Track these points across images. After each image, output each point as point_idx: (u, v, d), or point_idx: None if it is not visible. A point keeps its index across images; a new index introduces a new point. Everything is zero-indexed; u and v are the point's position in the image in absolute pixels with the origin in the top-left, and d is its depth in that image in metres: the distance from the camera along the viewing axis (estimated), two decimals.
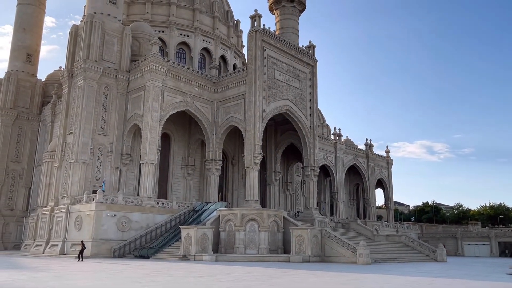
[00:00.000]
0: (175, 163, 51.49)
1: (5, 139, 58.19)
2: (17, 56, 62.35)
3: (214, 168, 48.49)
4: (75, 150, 42.63)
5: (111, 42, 46.50)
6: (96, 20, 45.51)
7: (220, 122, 48.99)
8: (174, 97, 45.99)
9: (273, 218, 37.50)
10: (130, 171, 46.76)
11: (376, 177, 79.09)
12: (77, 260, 31.76)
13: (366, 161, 77.19)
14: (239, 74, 48.17)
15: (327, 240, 35.67)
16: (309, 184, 51.69)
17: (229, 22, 65.52)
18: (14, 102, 59.43)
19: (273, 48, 47.83)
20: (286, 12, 70.97)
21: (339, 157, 70.10)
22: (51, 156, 50.05)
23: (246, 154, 44.94)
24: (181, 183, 51.72)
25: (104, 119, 44.95)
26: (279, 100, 47.92)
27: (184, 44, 59.45)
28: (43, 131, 60.09)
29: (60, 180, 44.34)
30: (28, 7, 63.61)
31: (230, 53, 64.53)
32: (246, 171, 45.41)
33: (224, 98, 49.13)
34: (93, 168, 43.62)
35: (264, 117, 45.89)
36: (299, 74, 51.17)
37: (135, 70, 46.25)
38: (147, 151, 42.64)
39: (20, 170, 58.72)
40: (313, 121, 51.94)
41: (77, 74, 44.88)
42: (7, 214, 56.81)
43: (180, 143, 52.38)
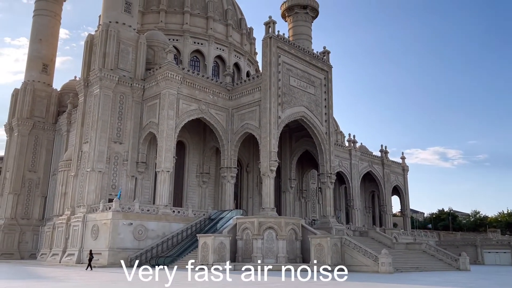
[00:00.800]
0: (190, 171, 51.22)
1: (21, 149, 58.64)
2: (33, 67, 63.04)
3: (229, 176, 48.07)
4: (91, 159, 42.60)
5: (126, 50, 46.65)
6: (112, 29, 45.72)
7: (235, 130, 48.65)
8: (189, 105, 45.83)
9: (291, 226, 36.83)
10: (146, 179, 46.58)
11: (392, 184, 77.83)
12: (86, 270, 31.46)
13: (382, 168, 76.02)
14: (254, 81, 47.89)
15: (347, 248, 34.86)
16: (325, 192, 50.91)
17: (242, 30, 65.51)
18: (31, 112, 59.97)
19: (287, 54, 47.50)
20: (299, 18, 70.80)
21: (354, 164, 69.13)
22: (67, 165, 50.15)
23: (261, 161, 44.46)
24: (196, 191, 51.38)
25: (119, 128, 44.94)
26: (294, 106, 47.46)
27: (198, 52, 59.51)
28: (59, 140, 60.44)
29: (76, 189, 44.31)
30: (44, 18, 64.43)
31: (244, 60, 64.40)
32: (262, 178, 44.87)
33: (239, 105, 48.85)
34: (109, 176, 43.52)
35: (279, 123, 45.44)
36: (314, 80, 50.70)
37: (150, 78, 46.26)
38: (162, 159, 42.43)
39: (36, 179, 59.03)
40: (328, 128, 51.30)
41: (93, 83, 45.03)
42: (24, 223, 57.02)
43: (195, 151, 52.14)
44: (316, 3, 71.87)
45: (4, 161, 62.25)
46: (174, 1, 60.34)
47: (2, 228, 55.61)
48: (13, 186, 57.03)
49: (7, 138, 62.08)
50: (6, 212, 56.44)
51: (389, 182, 76.85)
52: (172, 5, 60.00)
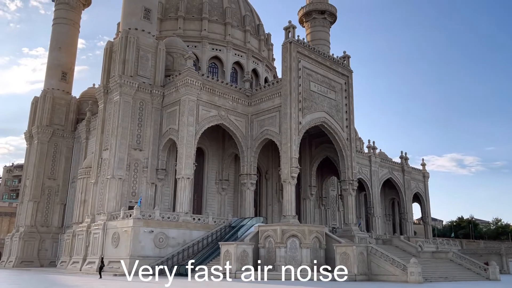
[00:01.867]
0: (209, 178, 50.68)
1: (41, 156, 58.95)
2: (53, 75, 63.60)
3: (249, 183, 47.36)
4: (111, 166, 42.37)
5: (146, 57, 46.56)
6: (131, 36, 45.72)
7: (255, 136, 48.02)
8: (208, 111, 45.42)
9: (315, 234, 35.86)
10: (166, 186, 46.16)
11: (412, 191, 76.10)
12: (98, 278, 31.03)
13: (402, 174, 74.40)
14: (274, 87, 47.29)
15: (373, 257, 33.73)
16: (347, 199, 49.78)
17: (260, 36, 65.17)
18: (50, 119, 60.35)
19: (307, 59, 46.80)
20: (317, 24, 70.26)
21: (374, 171, 67.77)
22: (86, 173, 50.09)
23: (282, 168, 43.67)
24: (216, 198, 50.77)
25: (139, 134, 44.72)
26: (314, 112, 46.64)
27: (216, 58, 59.28)
28: (78, 148, 60.63)
29: (96, 196, 44.09)
30: (63, 26, 65.11)
31: (262, 66, 63.96)
32: (283, 185, 44.03)
33: (258, 111, 48.25)
34: (129, 183, 43.21)
35: (300, 129, 44.64)
36: (335, 85, 49.86)
37: (169, 85, 46.04)
38: (183, 165, 41.98)
39: (55, 187, 59.21)
40: (350, 133, 50.30)
41: (113, 90, 44.98)
42: (43, 231, 57.12)
43: (214, 158, 51.63)
44: (334, 8, 71.32)
45: (24, 169, 62.74)
46: (192, 8, 60.35)
47: (22, 235, 55.79)
48: (33, 194, 57.27)
49: (27, 146, 62.56)
50: (26, 220, 56.65)
51: (409, 189, 75.18)
52: (190, 12, 60.00)
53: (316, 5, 70.26)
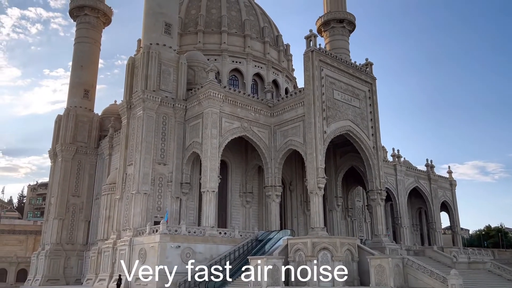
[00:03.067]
0: (233, 191, 49.98)
1: (65, 174, 59.28)
2: (75, 93, 64.32)
3: (274, 195, 46.43)
4: (136, 181, 42.09)
5: (168, 71, 46.57)
6: (153, 51, 45.84)
7: (278, 147, 47.24)
8: (231, 123, 44.94)
9: (347, 247, 34.59)
10: (190, 200, 45.62)
11: (440, 200, 73.79)
12: None
13: (429, 183, 72.27)
14: (296, 96, 46.61)
15: (410, 269, 32.28)
16: (376, 209, 48.33)
17: (279, 47, 64.88)
18: (73, 137, 60.83)
19: (330, 68, 46.07)
20: (336, 33, 69.68)
21: (400, 180, 66.00)
22: (111, 189, 50.02)
23: (308, 178, 42.67)
24: (240, 211, 49.95)
25: (163, 149, 44.45)
26: (339, 120, 45.69)
27: (236, 70, 59.12)
28: (101, 164, 60.81)
29: (121, 212, 43.78)
30: (84, 45, 66.06)
31: (282, 77, 63.51)
32: (310, 196, 42.96)
33: (281, 121, 47.55)
34: (154, 198, 42.81)
35: (325, 138, 43.69)
36: (358, 93, 48.90)
37: (192, 98, 45.83)
38: (207, 179, 41.39)
39: (79, 204, 59.33)
40: (376, 142, 49.08)
41: (136, 105, 44.98)
42: (68, 249, 57.09)
43: (237, 170, 50.97)
44: (353, 16, 70.71)
45: (49, 187, 63.20)
46: (211, 22, 60.56)
47: (48, 253, 55.83)
48: (58, 211, 57.46)
49: (51, 164, 63.09)
50: (52, 238, 56.75)
51: (437, 198, 72.93)
52: (210, 25, 60.20)
53: (335, 14, 69.77)
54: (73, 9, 67.22)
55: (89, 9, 66.69)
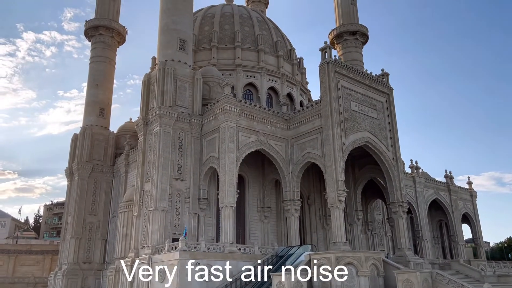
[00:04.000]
0: (251, 206, 49.24)
1: (81, 192, 59.29)
2: (91, 111, 64.79)
3: (293, 209, 45.56)
4: (153, 198, 41.68)
5: (183, 87, 46.57)
6: (168, 67, 45.97)
7: (296, 160, 46.57)
8: (248, 137, 44.50)
9: (372, 261, 33.50)
10: (208, 216, 44.99)
11: (460, 212, 71.89)
12: None
13: (448, 194, 70.56)
14: (313, 108, 46.10)
15: (439, 283, 31.01)
16: (398, 222, 47.04)
17: (292, 60, 64.78)
18: (90, 155, 61.03)
19: (346, 79, 45.60)
20: (348, 45, 69.41)
21: (420, 192, 64.56)
22: (127, 206, 49.63)
23: (328, 191, 41.78)
24: (258, 227, 49.08)
25: (180, 164, 44.10)
26: (357, 132, 44.96)
27: (250, 85, 59.04)
28: (117, 182, 60.71)
29: (139, 230, 43.28)
30: (100, 64, 66.82)
31: (296, 90, 63.21)
32: (330, 210, 42.04)
33: (298, 134, 46.99)
34: (172, 215, 42.29)
35: (344, 150, 42.91)
36: (376, 103, 48.21)
37: (208, 113, 45.64)
38: (225, 194, 40.80)
39: (96, 223, 59.11)
40: (395, 153, 48.12)
41: (152, 121, 44.90)
42: (86, 268, 56.65)
43: (254, 185, 50.32)
44: (365, 28, 70.46)
45: (66, 206, 63.21)
46: (225, 38, 60.85)
47: (65, 273, 55.44)
48: (75, 230, 57.27)
49: (68, 182, 63.25)
50: (69, 257, 56.44)
51: (457, 209, 71.07)
52: (223, 41, 60.48)
53: (347, 27, 69.61)
54: (88, 29, 68.28)
55: (103, 29, 67.68)
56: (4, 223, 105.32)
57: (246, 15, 64.66)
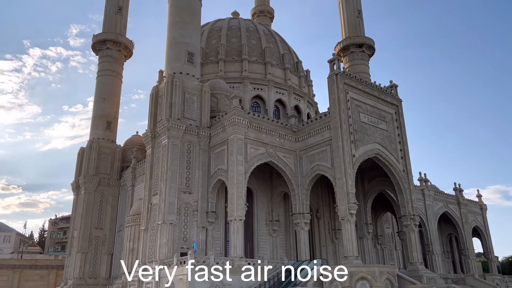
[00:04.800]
0: (259, 219, 48.52)
1: (88, 206, 58.81)
2: (98, 125, 64.71)
3: (302, 223, 44.79)
4: (161, 211, 41.15)
5: (191, 100, 46.43)
6: (177, 80, 45.92)
7: (305, 172, 46.00)
8: (256, 149, 44.08)
9: (386, 276, 32.71)
10: (216, 229, 44.33)
11: (471, 225, 70.76)
12: None
13: (458, 207, 69.54)
14: (321, 120, 45.72)
15: None
16: (409, 235, 46.17)
17: (299, 73, 64.75)
18: (96, 169, 60.73)
19: (355, 90, 45.34)
20: (355, 57, 69.38)
21: (429, 205, 63.65)
22: (134, 220, 49.08)
23: (339, 204, 41.11)
24: (267, 241, 48.27)
25: (188, 177, 43.66)
26: (367, 143, 44.47)
27: (258, 97, 58.93)
28: (123, 195, 60.26)
29: (147, 244, 42.62)
30: (107, 77, 67.01)
31: (303, 102, 63.00)
32: (341, 223, 41.29)
33: (307, 146, 46.52)
34: (180, 228, 41.67)
35: (354, 162, 42.39)
36: (385, 115, 47.82)
37: (216, 125, 45.37)
38: (234, 207, 40.20)
39: (102, 237, 58.50)
40: (405, 165, 47.50)
41: (160, 134, 44.65)
42: (91, 283, 55.85)
43: (262, 198, 49.70)
44: (372, 40, 70.47)
45: (72, 220, 62.71)
46: (232, 51, 60.98)
47: None
48: (81, 245, 56.65)
49: (74, 196, 62.88)
50: (75, 272, 55.72)
51: (467, 223, 69.93)
52: (230, 54, 60.60)
53: (354, 39, 69.68)
54: (96, 44, 68.68)
55: (111, 43, 68.06)
56: (9, 237, 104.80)
57: (253, 28, 64.92)
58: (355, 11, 71.79)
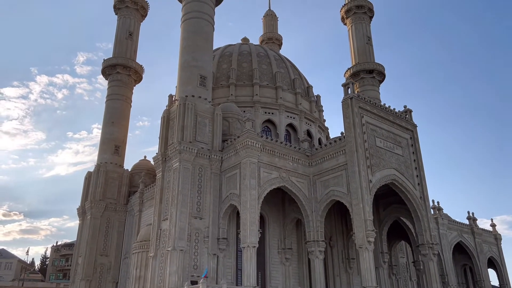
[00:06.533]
0: (272, 247, 46.80)
1: (93, 232, 57.26)
2: (106, 149, 63.90)
3: (317, 251, 43.09)
4: (172, 237, 39.66)
5: (203, 123, 45.73)
6: (189, 102, 45.38)
7: (319, 198, 44.65)
8: (269, 173, 42.94)
9: None
10: (227, 257, 42.64)
11: (486, 256, 68.57)
12: None
13: (472, 237, 67.58)
14: (336, 144, 44.74)
15: None
16: (428, 265, 44.31)
17: (310, 98, 64.37)
18: (103, 193, 59.49)
19: (370, 114, 44.61)
20: (365, 83, 69.13)
21: (443, 234, 61.77)
22: (142, 246, 47.47)
23: (356, 232, 39.58)
24: (279, 270, 46.39)
25: (199, 202, 42.37)
26: (383, 169, 43.31)
27: (268, 121, 58.28)
28: (130, 221, 58.79)
29: (155, 271, 40.91)
30: (116, 102, 66.73)
31: (315, 127, 62.28)
32: (359, 251, 39.64)
33: (321, 171, 45.35)
34: (190, 255, 40.03)
35: (371, 188, 41.13)
36: (400, 140, 46.87)
37: (228, 149, 44.44)
38: (247, 233, 38.69)
39: (107, 264, 56.64)
40: (422, 191, 46.15)
41: (172, 157, 43.70)
42: None
43: (274, 224, 48.14)
44: (382, 66, 70.40)
45: (76, 246, 60.99)
46: (243, 75, 60.83)
47: None
48: (85, 272, 54.75)
49: (80, 222, 61.39)
50: None
51: (482, 253, 67.77)
52: (241, 79, 60.42)
53: (364, 65, 69.64)
54: (106, 68, 68.81)
55: (121, 68, 68.18)
56: (10, 264, 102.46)
57: (264, 54, 65.04)
58: (365, 37, 72.10)
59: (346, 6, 75.32)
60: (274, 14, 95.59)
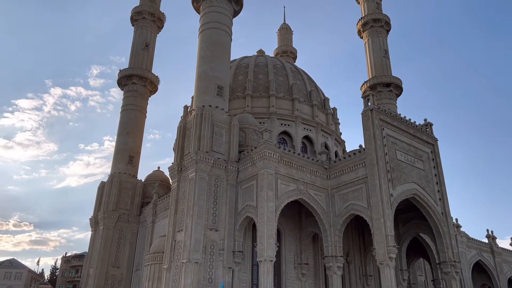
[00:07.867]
0: (288, 262, 45.55)
1: (106, 243, 56.52)
2: (120, 159, 63.58)
3: (335, 266, 41.80)
4: (187, 249, 38.69)
5: (220, 133, 45.13)
6: (206, 112, 44.90)
7: (338, 212, 43.47)
8: (287, 185, 41.98)
9: None
10: (243, 271, 41.47)
11: (506, 276, 66.25)
12: None
13: (492, 256, 65.44)
14: (356, 157, 43.71)
15: None
16: (451, 284, 42.65)
17: (326, 110, 63.58)
18: (116, 204, 58.96)
19: (390, 127, 43.63)
20: (382, 96, 68.20)
21: (462, 252, 59.60)
22: (155, 258, 46.56)
23: (377, 248, 38.24)
24: (295, 285, 45.04)
25: (215, 213, 41.47)
26: (404, 183, 42.10)
27: (284, 133, 57.49)
28: (142, 232, 57.99)
29: (169, 284, 39.86)
30: (130, 112, 66.65)
31: (331, 140, 61.32)
32: (379, 268, 38.27)
33: (339, 184, 44.26)
34: (205, 268, 38.96)
35: (392, 202, 39.92)
36: (421, 154, 45.70)
37: (245, 159, 43.67)
38: (264, 246, 37.59)
39: (119, 276, 55.72)
40: (444, 207, 44.75)
41: (188, 167, 43.02)
42: None
43: (290, 238, 46.95)
44: (399, 80, 69.54)
45: (88, 257, 60.25)
46: (259, 87, 60.39)
47: None
48: (97, 284, 53.85)
49: (92, 232, 60.76)
50: None
51: (502, 273, 65.46)
52: (257, 90, 59.97)
53: (380, 79, 68.84)
54: (122, 78, 68.98)
55: (137, 78, 68.29)
56: (20, 274, 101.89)
57: (280, 65, 64.67)
58: (382, 51, 71.46)
59: (363, 19, 74.94)
60: (289, 28, 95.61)
